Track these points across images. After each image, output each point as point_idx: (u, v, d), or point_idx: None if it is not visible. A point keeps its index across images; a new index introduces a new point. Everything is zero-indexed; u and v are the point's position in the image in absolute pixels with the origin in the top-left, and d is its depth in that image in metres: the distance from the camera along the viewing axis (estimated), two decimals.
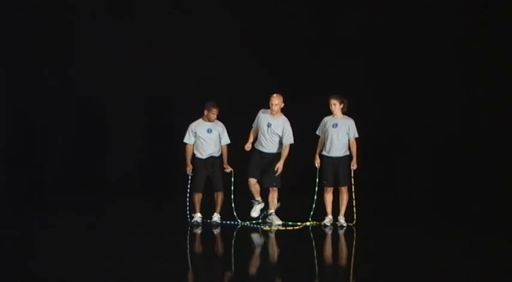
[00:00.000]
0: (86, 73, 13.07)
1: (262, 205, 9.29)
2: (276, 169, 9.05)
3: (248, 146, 9.26)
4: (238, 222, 9.28)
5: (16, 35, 12.75)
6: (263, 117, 9.23)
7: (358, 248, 8.13)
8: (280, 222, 9.16)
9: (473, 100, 12.33)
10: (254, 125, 9.36)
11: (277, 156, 9.19)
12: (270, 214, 9.22)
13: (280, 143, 9.19)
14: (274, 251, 8.26)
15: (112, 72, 13.01)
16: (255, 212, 9.26)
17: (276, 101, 9.10)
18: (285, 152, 9.13)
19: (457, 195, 11.76)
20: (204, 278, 6.82)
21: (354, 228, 8.98)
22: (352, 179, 9.11)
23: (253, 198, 9.27)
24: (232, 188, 9.34)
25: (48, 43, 12.85)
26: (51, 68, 12.93)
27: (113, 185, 12.89)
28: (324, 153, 9.20)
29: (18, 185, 12.68)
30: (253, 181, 9.23)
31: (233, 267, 7.22)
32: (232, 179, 9.36)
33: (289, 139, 9.17)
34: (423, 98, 12.49)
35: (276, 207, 9.26)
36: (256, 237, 8.74)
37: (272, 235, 8.77)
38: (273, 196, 9.22)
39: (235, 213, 9.33)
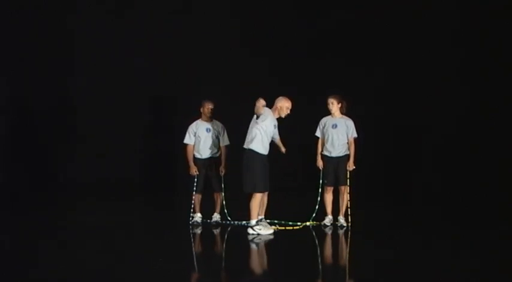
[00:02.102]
0: (85, 73, 13.09)
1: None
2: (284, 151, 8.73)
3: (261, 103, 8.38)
4: (234, 222, 9.29)
5: (16, 35, 12.77)
6: (272, 119, 8.67)
7: (358, 248, 8.12)
8: (271, 231, 8.71)
9: (473, 100, 12.35)
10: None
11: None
12: (260, 220, 8.77)
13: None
14: (274, 251, 8.25)
15: (112, 72, 13.03)
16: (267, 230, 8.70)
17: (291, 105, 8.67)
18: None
19: (457, 195, 11.77)
20: (204, 278, 6.82)
21: (354, 229, 8.98)
22: (348, 180, 9.08)
23: (256, 217, 8.63)
24: (223, 194, 9.34)
25: (48, 43, 12.87)
26: (51, 68, 12.95)
27: (113, 185, 12.91)
28: (324, 153, 9.19)
29: (18, 185, 12.70)
30: (264, 195, 8.72)
31: (233, 267, 7.22)
32: (223, 185, 9.35)
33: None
34: (423, 98, 12.50)
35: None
36: (256, 237, 8.72)
37: (272, 235, 8.76)
38: (250, 202, 8.64)
39: (229, 218, 9.34)
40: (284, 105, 8.65)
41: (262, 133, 8.55)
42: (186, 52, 12.93)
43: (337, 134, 9.08)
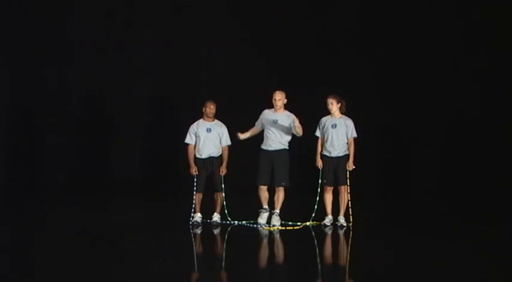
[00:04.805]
0: (86, 73, 13.09)
1: (268, 213, 9.25)
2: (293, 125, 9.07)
3: (242, 136, 9.23)
4: (235, 222, 9.31)
5: (17, 35, 12.77)
6: (268, 115, 9.22)
7: (358, 248, 8.12)
8: (278, 223, 9.12)
9: (473, 100, 12.36)
10: (257, 124, 9.33)
11: (285, 152, 9.19)
12: (273, 213, 9.19)
13: (287, 139, 9.23)
14: (274, 251, 8.26)
15: (112, 72, 13.02)
16: (262, 219, 9.22)
17: (279, 96, 9.14)
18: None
19: (457, 195, 11.77)
20: (204, 278, 6.82)
21: (354, 228, 8.99)
22: (348, 180, 9.10)
23: (261, 207, 9.24)
24: (223, 194, 9.35)
25: (49, 43, 12.86)
26: (52, 68, 12.95)
27: (113, 184, 12.92)
28: (324, 153, 9.20)
29: (17, 184, 12.70)
30: (264, 188, 9.21)
31: (233, 267, 7.23)
32: (223, 186, 9.36)
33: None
34: (423, 98, 12.50)
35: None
36: (256, 237, 8.74)
37: (272, 235, 8.77)
38: (279, 196, 9.19)
39: (229, 218, 9.35)
40: (272, 98, 9.20)
41: (264, 132, 9.24)
42: (186, 52, 12.93)
43: (337, 133, 9.10)
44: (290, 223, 9.22)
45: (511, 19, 12.01)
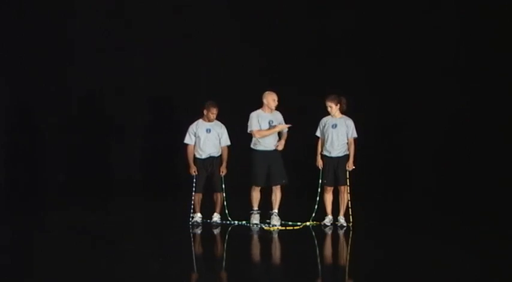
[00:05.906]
0: (86, 73, 13.08)
1: (259, 215, 9.27)
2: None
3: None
4: (235, 222, 9.31)
5: (17, 35, 12.77)
6: (263, 117, 9.19)
7: (358, 248, 8.13)
8: (278, 223, 9.14)
9: (473, 100, 12.35)
10: (255, 125, 9.19)
11: (277, 151, 9.19)
12: (272, 213, 9.20)
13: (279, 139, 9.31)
14: (274, 251, 8.26)
15: (112, 72, 13.02)
16: (256, 220, 9.24)
17: (276, 97, 9.18)
18: (284, 136, 9.29)
19: (457, 195, 11.77)
20: (204, 279, 6.82)
21: (354, 228, 8.98)
22: (348, 180, 9.10)
23: (252, 208, 9.25)
24: (224, 194, 9.35)
25: (49, 43, 12.86)
26: (52, 68, 12.94)
27: (113, 184, 12.92)
28: (324, 153, 9.21)
29: (17, 184, 12.71)
30: (258, 189, 9.24)
31: (233, 268, 7.23)
32: (223, 186, 9.35)
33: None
34: (423, 98, 12.50)
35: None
36: (256, 238, 8.74)
37: (272, 235, 8.78)
38: (276, 195, 9.22)
39: (229, 218, 9.34)
40: (269, 99, 9.18)
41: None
42: (186, 52, 12.92)
43: (337, 133, 9.10)
44: (290, 223, 9.22)
45: (511, 19, 11.99)
